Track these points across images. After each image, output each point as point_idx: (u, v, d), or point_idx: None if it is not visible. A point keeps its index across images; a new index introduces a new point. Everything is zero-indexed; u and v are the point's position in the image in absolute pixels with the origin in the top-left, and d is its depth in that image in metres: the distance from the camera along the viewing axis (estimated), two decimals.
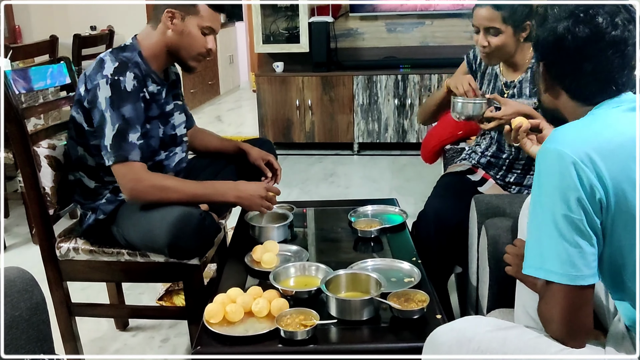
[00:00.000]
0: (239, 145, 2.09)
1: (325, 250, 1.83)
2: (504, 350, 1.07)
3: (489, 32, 1.86)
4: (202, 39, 1.75)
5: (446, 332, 1.13)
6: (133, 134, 1.63)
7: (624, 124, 1.04)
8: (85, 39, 3.88)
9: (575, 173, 0.98)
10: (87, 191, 1.79)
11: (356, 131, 4.51)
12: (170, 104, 1.86)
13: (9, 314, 1.26)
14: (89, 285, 2.38)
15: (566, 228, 0.99)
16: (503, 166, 2.04)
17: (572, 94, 1.11)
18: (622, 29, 1.03)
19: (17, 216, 3.37)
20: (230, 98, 7.17)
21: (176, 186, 1.67)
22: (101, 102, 1.62)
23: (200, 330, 1.35)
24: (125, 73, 1.65)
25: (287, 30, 4.69)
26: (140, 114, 1.66)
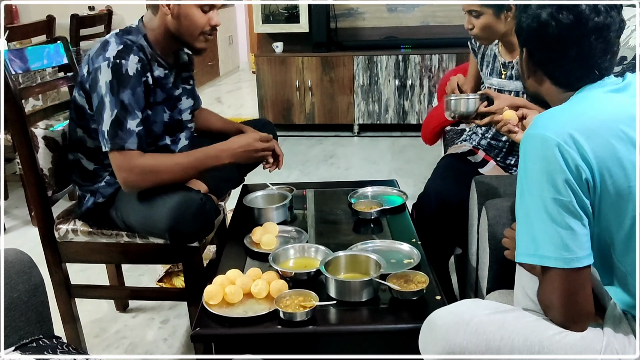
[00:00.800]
0: (242, 127, 2.07)
1: (324, 231, 1.82)
2: (502, 332, 1.07)
3: (470, 14, 1.88)
4: (204, 16, 1.68)
5: (444, 315, 1.13)
6: (132, 120, 1.60)
7: (606, 103, 1.05)
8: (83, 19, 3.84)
9: (560, 155, 0.98)
10: (86, 172, 1.78)
11: (356, 112, 4.48)
12: (179, 88, 1.82)
13: (8, 295, 1.26)
14: (89, 267, 2.38)
15: (556, 211, 0.99)
16: (503, 148, 2.03)
17: (555, 80, 1.12)
18: (605, 15, 1.03)
19: (17, 198, 3.37)
20: (229, 79, 7.12)
21: (167, 165, 1.65)
22: (101, 86, 1.59)
23: (200, 311, 1.35)
24: (129, 56, 1.60)
25: (286, 10, 4.64)
26: (140, 99, 1.62)
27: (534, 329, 1.06)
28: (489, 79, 2.05)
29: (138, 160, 1.62)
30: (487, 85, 2.06)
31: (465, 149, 2.10)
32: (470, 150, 2.09)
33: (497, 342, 1.07)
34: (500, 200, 1.62)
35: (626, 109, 1.03)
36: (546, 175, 0.99)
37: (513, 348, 1.06)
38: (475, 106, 1.83)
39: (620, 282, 1.06)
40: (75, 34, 3.73)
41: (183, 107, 1.84)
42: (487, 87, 2.05)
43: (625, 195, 0.99)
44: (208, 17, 1.69)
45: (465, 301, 1.20)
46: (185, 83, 1.86)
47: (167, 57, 1.76)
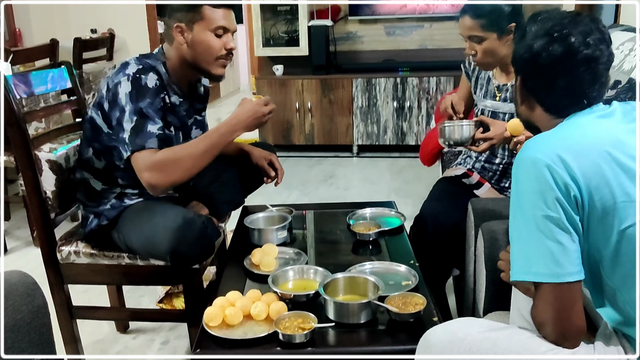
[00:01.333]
0: (241, 146, 2.10)
1: (324, 253, 1.84)
2: (495, 350, 1.09)
3: (472, 40, 1.87)
4: (218, 41, 1.70)
5: (439, 333, 1.16)
6: (152, 126, 1.60)
7: (593, 127, 1.10)
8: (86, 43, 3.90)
9: (549, 175, 1.03)
10: (93, 192, 1.80)
11: (355, 133, 4.53)
12: (192, 118, 1.86)
13: (11, 317, 1.27)
14: (90, 288, 2.40)
15: (547, 227, 1.03)
16: (497, 171, 2.05)
17: (546, 107, 1.18)
18: (594, 48, 1.09)
19: (19, 219, 3.39)
20: (230, 100, 7.19)
21: (184, 153, 1.61)
22: (121, 98, 1.62)
23: (200, 333, 1.37)
24: (148, 74, 1.64)
25: (286, 34, 4.71)
26: (158, 110, 1.63)
27: (527, 346, 1.08)
28: (483, 101, 2.07)
29: (155, 157, 1.59)
30: (480, 108, 2.08)
31: (459, 172, 2.12)
32: (465, 173, 2.11)
33: (492, 356, 1.09)
34: (497, 222, 1.64)
35: (611, 133, 1.08)
36: (537, 194, 1.04)
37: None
38: (470, 133, 1.83)
39: (610, 299, 1.09)
40: (78, 57, 3.78)
41: (193, 136, 1.88)
42: (481, 110, 2.07)
43: (611, 212, 1.03)
44: (223, 41, 1.71)
45: (460, 319, 1.22)
46: (197, 114, 1.90)
47: (183, 87, 1.79)
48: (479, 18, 1.83)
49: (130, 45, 5.01)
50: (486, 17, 1.82)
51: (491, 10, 1.82)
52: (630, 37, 2.14)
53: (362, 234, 1.85)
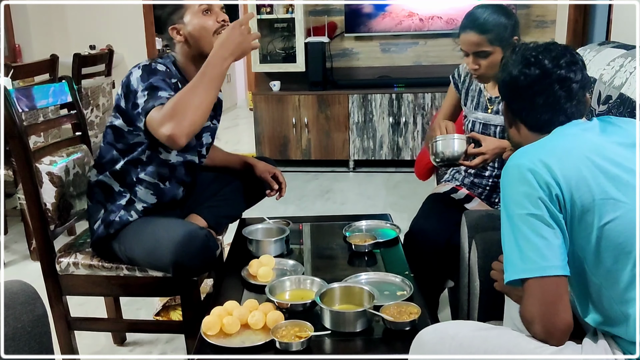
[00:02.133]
0: (245, 159, 2.13)
1: (320, 264, 1.86)
2: (485, 347, 1.13)
3: (479, 55, 1.87)
4: (209, 19, 1.75)
5: (430, 332, 1.21)
6: (163, 92, 1.62)
7: (574, 137, 1.19)
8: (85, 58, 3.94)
9: (532, 177, 1.11)
10: (110, 193, 1.81)
11: (352, 149, 4.57)
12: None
13: (12, 325, 1.29)
14: (87, 301, 2.40)
15: (532, 224, 1.10)
16: (487, 186, 2.06)
17: (529, 125, 1.28)
18: (567, 69, 1.22)
19: (16, 233, 3.39)
20: (227, 116, 7.23)
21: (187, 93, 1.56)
22: (133, 84, 1.66)
23: (198, 341, 1.38)
24: (158, 64, 1.71)
25: (283, 50, 4.77)
26: (170, 84, 1.67)
27: (516, 344, 1.12)
28: (474, 113, 2.07)
29: (161, 111, 1.56)
30: (471, 119, 2.07)
31: (447, 188, 2.12)
32: (453, 188, 2.11)
33: (481, 355, 1.13)
34: (490, 233, 1.67)
35: (591, 141, 1.16)
36: (521, 195, 1.12)
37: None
38: (462, 148, 1.81)
39: (596, 298, 1.13)
40: (77, 73, 3.82)
41: (204, 141, 1.92)
42: (472, 122, 2.06)
43: (591, 209, 1.09)
44: (213, 17, 1.76)
45: (452, 321, 1.27)
46: (210, 121, 1.93)
47: None
48: (486, 33, 1.83)
49: (129, 61, 5.06)
50: (492, 31, 1.83)
51: (496, 25, 1.83)
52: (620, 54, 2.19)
53: (358, 245, 1.87)
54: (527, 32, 4.51)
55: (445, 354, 1.15)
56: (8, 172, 2.96)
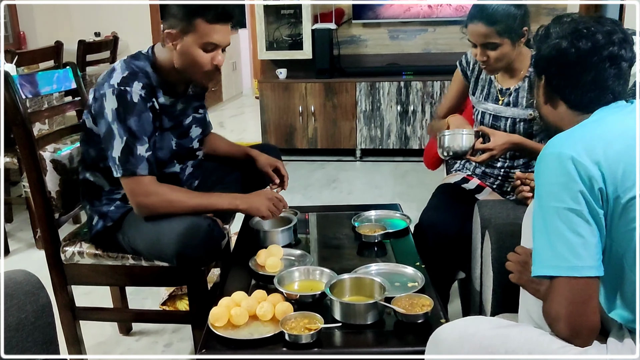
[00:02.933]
0: (248, 151, 2.09)
1: (328, 254, 1.83)
2: (506, 347, 1.08)
3: (487, 47, 1.81)
4: (206, 57, 1.64)
5: (447, 330, 1.16)
6: (141, 147, 1.62)
7: (617, 121, 1.12)
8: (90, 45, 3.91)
9: (573, 167, 1.04)
10: (100, 192, 1.79)
11: (359, 137, 4.52)
12: (190, 116, 1.84)
13: (16, 316, 1.27)
14: (93, 291, 2.38)
15: (570, 220, 1.03)
16: (499, 176, 2.02)
17: (572, 104, 1.20)
18: (619, 46, 1.14)
19: (21, 221, 3.38)
20: (233, 105, 7.19)
21: (181, 200, 1.67)
22: (107, 113, 1.61)
23: (205, 333, 1.36)
24: (133, 83, 1.62)
25: (290, 37, 4.72)
26: (147, 125, 1.63)
27: (538, 344, 1.07)
28: (483, 104, 2.02)
29: (154, 188, 1.65)
30: (480, 110, 2.03)
31: (458, 178, 2.08)
32: (464, 178, 2.07)
33: (502, 355, 1.08)
34: (503, 224, 1.63)
35: (634, 128, 1.08)
36: (560, 187, 1.05)
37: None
38: (470, 142, 1.79)
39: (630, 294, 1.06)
40: (82, 60, 3.79)
41: (193, 135, 1.87)
42: (481, 113, 2.02)
43: (634, 204, 1.02)
44: (211, 56, 1.66)
45: (469, 317, 1.22)
46: (196, 112, 1.88)
47: (177, 86, 1.77)
48: (495, 25, 1.77)
49: (133, 48, 4.99)
50: (501, 22, 1.77)
51: (506, 16, 1.77)
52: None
53: (367, 235, 1.84)
54: (538, 20, 4.43)
55: (465, 355, 1.10)
56: (13, 160, 2.94)
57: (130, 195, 1.66)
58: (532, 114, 1.89)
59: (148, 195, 1.64)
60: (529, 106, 1.91)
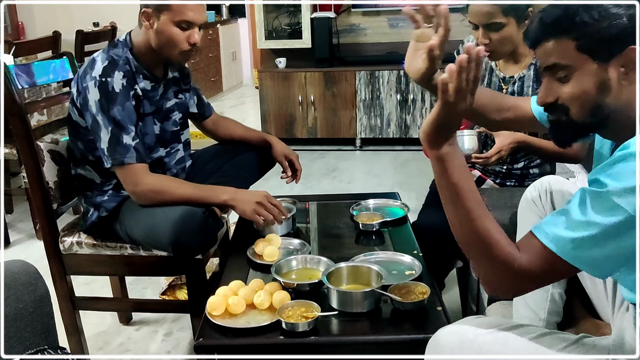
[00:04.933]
0: (265, 136, 2.09)
1: (327, 243, 1.83)
2: (506, 351, 1.07)
3: (490, 28, 1.72)
4: (181, 34, 1.65)
5: (447, 334, 1.13)
6: (127, 135, 1.63)
7: None
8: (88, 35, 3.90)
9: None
10: (92, 185, 1.80)
11: (358, 127, 4.51)
12: (171, 100, 1.85)
13: (14, 306, 1.27)
14: (93, 280, 2.40)
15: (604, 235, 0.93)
16: (500, 173, 2.00)
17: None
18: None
19: (21, 212, 3.39)
20: (233, 95, 7.18)
21: (171, 189, 1.67)
22: (92, 106, 1.63)
23: (203, 322, 1.36)
24: (114, 73, 1.63)
25: (289, 26, 4.70)
26: (131, 113, 1.65)
27: (538, 347, 1.06)
28: None
29: (144, 177, 1.66)
30: None
31: None
32: None
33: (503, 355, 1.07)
34: (501, 212, 1.63)
35: None
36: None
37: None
38: (473, 145, 1.76)
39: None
40: (80, 50, 3.78)
41: (176, 118, 1.87)
42: None
43: None
44: (187, 34, 1.66)
45: (469, 319, 1.19)
46: (176, 96, 1.88)
47: (155, 70, 1.77)
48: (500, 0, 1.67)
49: None
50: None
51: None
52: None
53: (365, 224, 1.84)
54: None
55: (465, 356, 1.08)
56: (12, 151, 2.94)
57: (124, 184, 1.69)
58: None
59: (137, 184, 1.65)
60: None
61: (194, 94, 1.99)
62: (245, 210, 1.69)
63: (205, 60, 6.43)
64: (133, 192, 1.68)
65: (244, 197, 1.70)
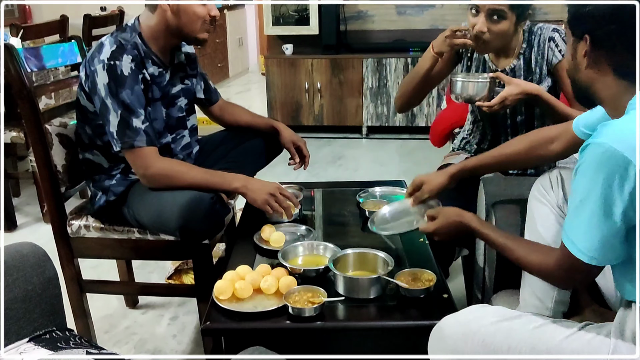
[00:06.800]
0: (272, 123, 2.09)
1: (333, 230, 1.84)
2: (509, 341, 1.08)
3: (492, 16, 1.70)
4: (202, 8, 1.70)
5: (451, 324, 1.14)
6: (136, 119, 1.64)
7: None
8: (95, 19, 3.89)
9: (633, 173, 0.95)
10: (100, 169, 1.80)
11: (365, 114, 4.50)
12: (177, 86, 1.85)
13: (23, 287, 1.28)
14: (100, 264, 2.41)
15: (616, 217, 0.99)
16: None
17: (621, 71, 1.05)
18: None
19: (29, 195, 3.40)
20: (239, 81, 7.16)
21: (181, 173, 1.67)
22: (100, 89, 1.63)
23: (210, 306, 1.37)
24: (122, 57, 1.63)
25: (296, 12, 4.67)
26: (140, 97, 1.66)
27: (541, 337, 1.07)
28: None
29: (155, 161, 1.67)
30: None
31: (461, 158, 2.02)
32: (467, 158, 1.99)
33: (505, 352, 1.08)
34: (509, 201, 1.63)
35: None
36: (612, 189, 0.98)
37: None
38: (485, 89, 1.72)
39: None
40: (88, 34, 3.77)
41: (181, 104, 1.87)
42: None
43: None
44: (207, 8, 1.71)
45: (472, 309, 1.19)
46: (182, 82, 1.88)
47: (163, 56, 1.77)
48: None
49: None
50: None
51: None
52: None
53: (371, 211, 1.84)
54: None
55: (467, 352, 1.10)
56: (20, 134, 2.95)
57: (133, 168, 1.69)
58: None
59: (148, 167, 1.66)
60: None
61: (201, 79, 1.99)
62: (256, 199, 1.69)
63: (212, 46, 6.41)
64: (144, 175, 1.68)
65: (255, 186, 1.70)
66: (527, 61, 1.86)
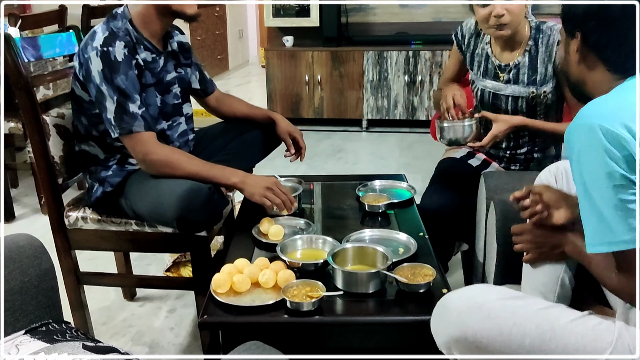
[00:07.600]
0: (269, 113, 2.08)
1: (332, 224, 1.82)
2: (514, 318, 1.07)
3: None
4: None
5: (455, 298, 1.14)
6: (132, 104, 1.63)
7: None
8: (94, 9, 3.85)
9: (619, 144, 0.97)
10: (96, 160, 1.79)
11: (365, 107, 4.48)
12: (171, 73, 1.83)
13: (19, 279, 1.27)
14: (98, 256, 2.40)
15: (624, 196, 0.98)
16: (504, 157, 1.98)
17: (611, 65, 1.09)
18: None
19: (27, 186, 3.39)
20: (239, 73, 7.13)
21: (182, 162, 1.66)
22: (95, 76, 1.62)
23: (207, 299, 1.36)
24: (115, 43, 1.63)
25: (297, 4, 4.64)
26: (134, 82, 1.65)
27: (546, 317, 1.07)
28: (482, 81, 1.96)
29: (155, 147, 1.66)
30: (480, 87, 1.96)
31: (463, 152, 2.03)
32: (470, 152, 2.02)
33: (509, 327, 1.07)
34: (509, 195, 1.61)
35: None
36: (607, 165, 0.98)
37: (525, 334, 1.06)
38: (472, 132, 1.80)
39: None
40: (87, 24, 3.74)
41: (176, 91, 1.85)
42: (481, 89, 1.96)
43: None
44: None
45: (478, 285, 1.20)
46: (176, 70, 1.86)
47: (155, 42, 1.76)
48: None
49: None
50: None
51: None
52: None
53: (371, 205, 1.83)
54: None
55: (471, 325, 1.08)
56: (18, 125, 2.93)
57: (132, 153, 1.68)
58: (535, 91, 1.85)
59: (147, 153, 1.65)
60: (531, 83, 1.86)
61: (196, 70, 1.97)
62: (253, 194, 1.69)
63: (212, 38, 6.38)
64: (143, 160, 1.67)
65: (253, 181, 1.70)
66: (532, 59, 1.86)
